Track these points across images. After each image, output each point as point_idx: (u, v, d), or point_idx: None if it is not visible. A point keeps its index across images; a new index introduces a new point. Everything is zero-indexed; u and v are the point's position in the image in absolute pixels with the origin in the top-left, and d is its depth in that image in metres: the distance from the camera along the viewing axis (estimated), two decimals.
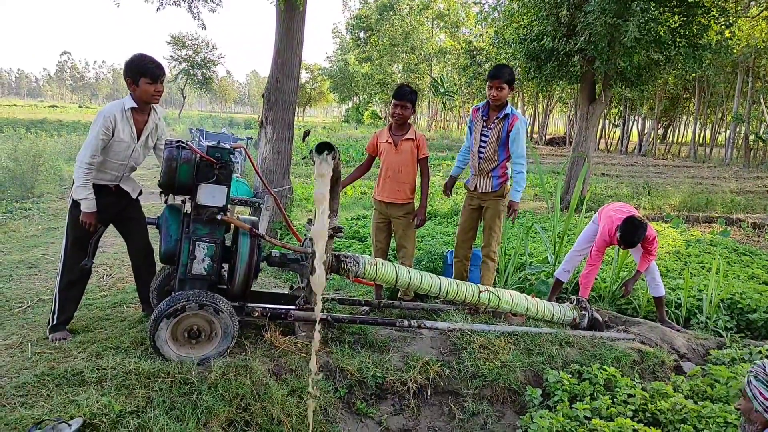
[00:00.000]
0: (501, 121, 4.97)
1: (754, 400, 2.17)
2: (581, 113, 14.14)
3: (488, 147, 5.05)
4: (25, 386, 3.12)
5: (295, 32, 7.90)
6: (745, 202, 15.00)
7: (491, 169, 5.08)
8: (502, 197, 5.13)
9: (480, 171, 5.13)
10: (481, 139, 5.10)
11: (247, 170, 11.96)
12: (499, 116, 4.97)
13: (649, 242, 5.19)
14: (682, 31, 11.93)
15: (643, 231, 5.02)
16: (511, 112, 4.97)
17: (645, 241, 5.15)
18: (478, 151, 5.12)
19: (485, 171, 5.10)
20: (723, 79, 34.60)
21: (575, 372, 4.18)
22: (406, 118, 5.03)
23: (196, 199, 3.62)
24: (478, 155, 5.12)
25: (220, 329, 3.58)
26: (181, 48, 55.49)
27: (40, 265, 5.92)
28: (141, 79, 3.82)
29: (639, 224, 5.03)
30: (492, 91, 4.90)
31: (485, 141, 5.07)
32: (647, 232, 5.08)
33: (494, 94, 4.90)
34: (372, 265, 4.28)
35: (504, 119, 4.96)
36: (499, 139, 4.99)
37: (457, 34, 50.28)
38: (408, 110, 4.99)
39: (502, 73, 4.88)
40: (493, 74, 4.91)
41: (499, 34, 16.07)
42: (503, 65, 5.06)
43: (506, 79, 4.87)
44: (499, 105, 4.98)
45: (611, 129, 47.59)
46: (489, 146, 5.04)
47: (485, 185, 5.13)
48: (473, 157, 5.18)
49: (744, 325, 5.59)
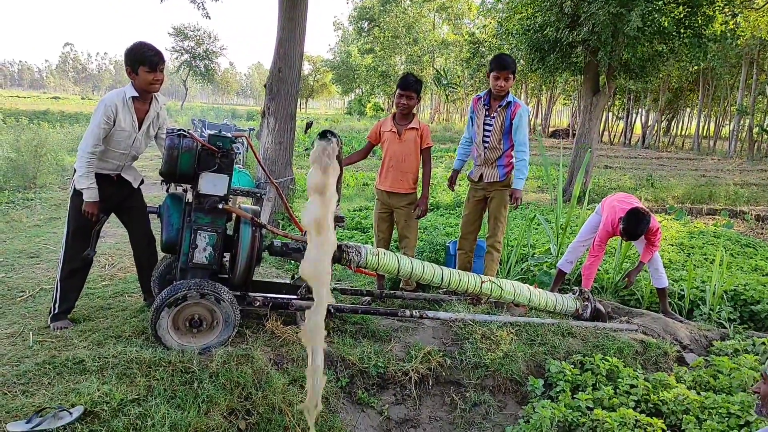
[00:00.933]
0: (504, 109, 4.94)
1: None
2: (584, 105, 14.09)
3: (492, 136, 5.02)
4: (27, 374, 3.11)
5: (298, 22, 7.86)
6: (749, 195, 14.95)
7: (496, 159, 5.05)
8: (508, 186, 5.10)
9: (485, 161, 5.10)
10: (485, 129, 5.07)
11: (249, 161, 11.94)
12: (502, 104, 4.94)
13: (653, 233, 5.16)
14: (686, 21, 11.86)
15: (646, 224, 4.99)
16: (513, 100, 4.95)
17: (648, 232, 5.11)
18: (482, 141, 5.09)
19: (491, 161, 5.08)
20: (727, 71, 34.46)
21: (577, 362, 4.17)
22: (411, 108, 5.00)
23: (198, 188, 3.60)
24: (483, 145, 5.09)
25: (221, 318, 3.57)
26: (183, 39, 55.38)
27: (41, 255, 5.92)
28: (140, 67, 3.80)
29: (642, 216, 5.00)
30: (499, 81, 4.87)
31: (489, 130, 5.04)
32: (650, 223, 5.06)
33: (501, 84, 4.88)
34: (374, 255, 4.26)
35: (506, 107, 4.94)
36: (503, 128, 4.96)
37: (460, 25, 50.10)
38: (413, 100, 4.96)
39: (508, 64, 4.85)
40: (500, 64, 4.87)
41: (503, 26, 16.01)
42: (506, 55, 5.03)
43: (512, 69, 4.85)
44: (501, 94, 4.96)
45: (615, 121, 47.47)
46: (493, 135, 5.01)
47: (491, 175, 5.10)
48: (477, 147, 5.15)
49: (747, 317, 5.57)
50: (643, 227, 5.00)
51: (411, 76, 5.01)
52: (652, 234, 5.15)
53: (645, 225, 5.00)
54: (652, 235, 5.15)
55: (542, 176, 16.66)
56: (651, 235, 5.16)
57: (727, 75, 35.38)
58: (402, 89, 4.94)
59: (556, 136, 45.12)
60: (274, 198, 7.62)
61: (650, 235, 5.15)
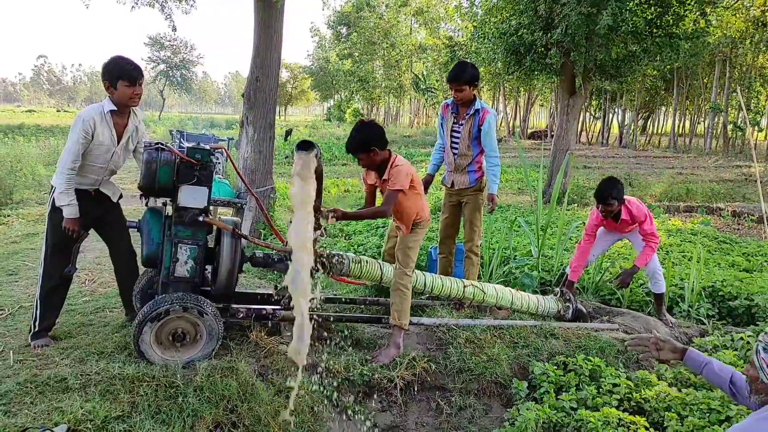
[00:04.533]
0: (471, 117, 4.96)
1: (761, 371, 2.17)
2: (562, 106, 14.23)
3: (461, 143, 5.04)
4: (8, 394, 3.08)
5: (274, 29, 7.85)
6: (725, 191, 15.19)
7: (466, 165, 5.08)
8: (480, 191, 5.13)
9: (455, 167, 5.14)
10: (453, 136, 5.10)
11: (229, 171, 11.88)
12: (469, 112, 4.97)
13: (644, 222, 5.13)
14: (658, 21, 12.05)
15: (618, 189, 4.98)
16: (481, 107, 4.96)
17: (642, 224, 5.11)
18: (451, 148, 5.12)
19: (461, 167, 5.11)
20: (701, 70, 34.98)
21: (560, 363, 4.22)
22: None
23: (177, 201, 3.59)
24: (452, 151, 5.12)
25: (204, 331, 3.56)
26: (159, 49, 55.02)
27: (20, 272, 5.84)
28: (119, 81, 3.78)
29: (615, 181, 5.02)
30: (454, 93, 4.90)
31: (457, 137, 5.07)
32: (636, 207, 5.07)
33: (456, 96, 4.91)
34: (357, 263, 4.28)
35: (474, 115, 4.95)
36: (471, 134, 4.98)
37: (437, 30, 50.29)
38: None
39: (460, 77, 4.83)
40: (451, 77, 4.87)
41: (479, 29, 16.11)
42: (461, 64, 5.01)
43: (466, 80, 4.83)
44: (466, 102, 4.99)
45: (592, 121, 47.90)
46: (462, 142, 5.04)
47: (462, 181, 5.14)
48: (447, 153, 5.18)
49: (726, 312, 5.66)
50: (614, 193, 4.97)
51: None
52: (643, 223, 5.13)
53: (616, 192, 4.97)
54: (644, 225, 5.13)
55: (522, 178, 16.78)
56: (645, 227, 5.14)
57: (700, 74, 35.91)
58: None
59: (535, 138, 45.44)
60: (255, 208, 7.59)
61: (644, 225, 5.13)
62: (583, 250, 5.36)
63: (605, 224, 5.35)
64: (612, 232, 5.48)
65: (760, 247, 8.64)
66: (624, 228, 5.33)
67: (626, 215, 5.13)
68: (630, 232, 5.40)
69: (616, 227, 5.33)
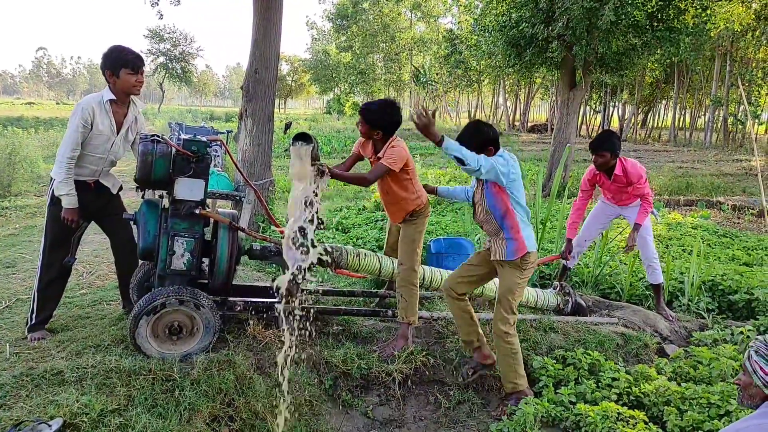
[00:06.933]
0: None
1: (754, 375, 2.15)
2: (562, 100, 14.17)
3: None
4: (4, 387, 3.07)
5: (273, 22, 7.80)
6: (725, 185, 15.14)
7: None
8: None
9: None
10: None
11: (228, 163, 11.84)
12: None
13: (638, 182, 5.05)
14: (659, 15, 11.99)
15: (613, 142, 4.95)
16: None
17: (637, 181, 5.02)
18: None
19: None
20: (701, 64, 34.87)
21: (560, 357, 4.20)
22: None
23: (174, 194, 3.57)
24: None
25: (201, 324, 3.54)
26: (159, 41, 54.79)
27: (18, 264, 5.83)
28: (122, 70, 3.76)
29: (612, 132, 4.99)
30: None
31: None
32: (632, 165, 5.00)
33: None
34: (355, 256, 4.26)
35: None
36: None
37: (436, 23, 50.15)
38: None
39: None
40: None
41: (479, 22, 16.04)
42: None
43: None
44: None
45: (592, 115, 47.78)
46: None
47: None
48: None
49: (725, 307, 5.64)
50: (607, 144, 4.93)
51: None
52: (638, 182, 5.04)
53: (610, 142, 4.94)
54: (638, 183, 5.04)
55: (522, 172, 16.74)
56: (638, 185, 5.05)
57: (701, 67, 35.80)
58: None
59: (535, 131, 45.38)
60: (253, 201, 7.56)
61: (637, 185, 5.05)
62: (578, 207, 5.29)
63: (599, 181, 5.22)
64: (608, 204, 5.39)
65: (760, 241, 8.61)
66: (619, 191, 5.18)
67: (620, 171, 5.01)
68: (625, 206, 5.29)
69: (610, 187, 5.21)
